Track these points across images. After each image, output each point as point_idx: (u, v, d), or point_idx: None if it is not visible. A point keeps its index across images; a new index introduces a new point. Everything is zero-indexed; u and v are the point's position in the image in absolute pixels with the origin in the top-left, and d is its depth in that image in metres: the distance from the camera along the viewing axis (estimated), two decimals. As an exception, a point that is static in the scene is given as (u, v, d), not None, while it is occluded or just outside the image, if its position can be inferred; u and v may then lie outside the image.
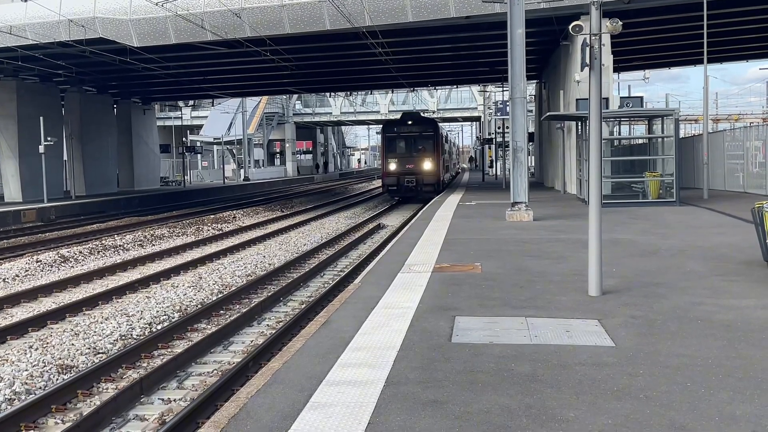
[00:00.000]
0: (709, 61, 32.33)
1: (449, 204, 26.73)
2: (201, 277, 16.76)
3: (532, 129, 50.42)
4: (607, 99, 25.37)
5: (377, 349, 7.22)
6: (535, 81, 48.09)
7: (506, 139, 40.73)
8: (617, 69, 44.06)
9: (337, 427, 5.23)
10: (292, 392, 6.01)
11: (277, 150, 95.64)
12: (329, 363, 6.79)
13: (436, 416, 5.38)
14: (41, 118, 36.72)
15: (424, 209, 25.00)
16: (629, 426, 5.10)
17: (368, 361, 6.81)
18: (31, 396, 8.84)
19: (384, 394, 5.88)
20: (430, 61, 39.84)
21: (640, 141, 31.81)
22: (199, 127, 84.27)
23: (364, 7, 27.11)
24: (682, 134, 49.18)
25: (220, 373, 9.78)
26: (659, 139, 25.60)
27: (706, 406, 5.45)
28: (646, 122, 28.08)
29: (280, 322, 12.60)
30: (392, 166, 38.83)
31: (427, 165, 38.50)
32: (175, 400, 8.79)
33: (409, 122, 39.28)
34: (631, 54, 38.74)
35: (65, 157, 45.52)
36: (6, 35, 30.34)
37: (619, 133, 33.74)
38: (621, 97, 32.50)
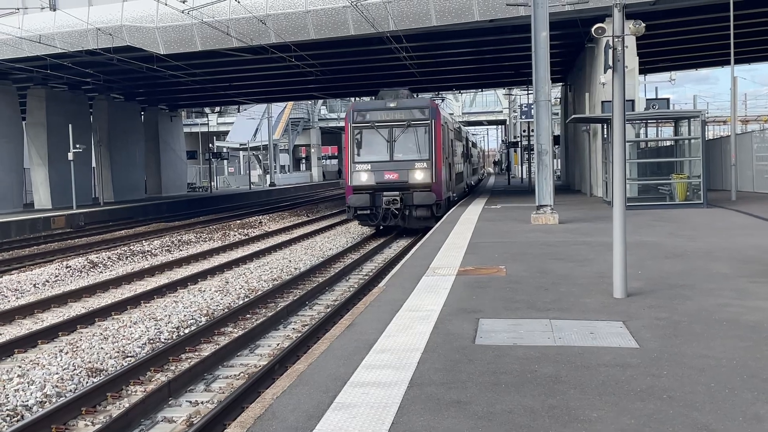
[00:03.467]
0: (737, 62, 32.11)
1: (474, 208, 26.74)
2: (228, 282, 16.91)
3: (557, 132, 50.24)
4: (632, 101, 25.23)
5: (401, 351, 7.27)
6: (561, 84, 47.94)
7: (531, 142, 40.52)
8: (643, 71, 43.83)
9: (361, 427, 5.29)
10: (316, 393, 6.08)
11: (303, 155, 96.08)
12: (354, 365, 6.85)
13: (459, 417, 5.43)
14: (70, 125, 37.19)
15: (448, 213, 25.01)
16: (652, 426, 5.11)
17: (392, 362, 6.87)
18: (61, 399, 8.99)
19: (408, 395, 5.93)
20: (454, 64, 39.85)
21: (667, 143, 31.62)
22: (225, 133, 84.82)
23: (388, 11, 27.21)
24: (710, 136, 48.75)
25: (246, 375, 9.87)
26: (686, 141, 25.44)
27: (729, 407, 5.44)
28: (673, 124, 27.92)
29: (306, 325, 12.69)
30: (362, 177, 24.64)
31: (420, 174, 24.38)
32: (202, 403, 8.90)
33: (390, 104, 24.98)
34: (658, 56, 38.51)
35: (93, 164, 46.04)
36: (35, 44, 30.78)
37: (646, 135, 33.57)
38: (647, 99, 32.32)
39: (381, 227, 26.27)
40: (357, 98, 78.16)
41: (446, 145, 26.54)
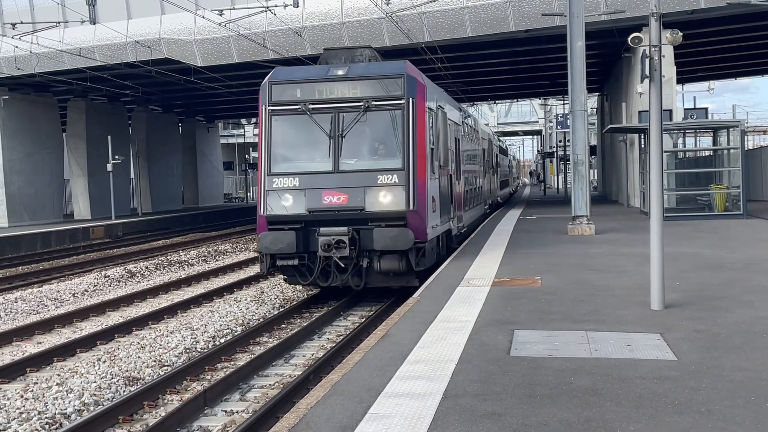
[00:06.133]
0: (777, 70, 31.64)
1: (509, 218, 26.61)
2: (263, 292, 16.99)
3: (594, 142, 49.87)
4: (670, 111, 24.98)
5: (435, 362, 7.25)
6: (597, 93, 47.65)
7: (567, 153, 40.21)
8: (681, 80, 43.41)
9: (394, 438, 5.28)
10: (350, 404, 6.08)
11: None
12: (388, 375, 6.84)
13: (494, 428, 5.39)
14: (109, 137, 37.74)
15: (481, 226, 24.90)
16: (690, 440, 5.04)
17: (426, 373, 6.85)
18: (99, 407, 9.09)
19: (442, 406, 5.91)
20: (489, 75, 39.78)
21: (706, 153, 31.25)
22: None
23: (423, 23, 27.25)
24: (750, 146, 48.05)
25: (281, 385, 9.90)
26: (725, 151, 25.12)
27: (770, 421, 5.35)
28: (712, 134, 27.60)
29: (341, 335, 12.70)
30: (284, 200, 14.01)
31: (386, 196, 13.73)
32: (237, 412, 8.94)
33: (336, 72, 14.43)
34: (696, 65, 38.12)
35: (132, 175, 46.67)
36: (76, 57, 31.29)
37: (684, 145, 33.21)
38: (685, 109, 32.02)
39: (322, 286, 14.79)
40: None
41: (441, 143, 16.15)
